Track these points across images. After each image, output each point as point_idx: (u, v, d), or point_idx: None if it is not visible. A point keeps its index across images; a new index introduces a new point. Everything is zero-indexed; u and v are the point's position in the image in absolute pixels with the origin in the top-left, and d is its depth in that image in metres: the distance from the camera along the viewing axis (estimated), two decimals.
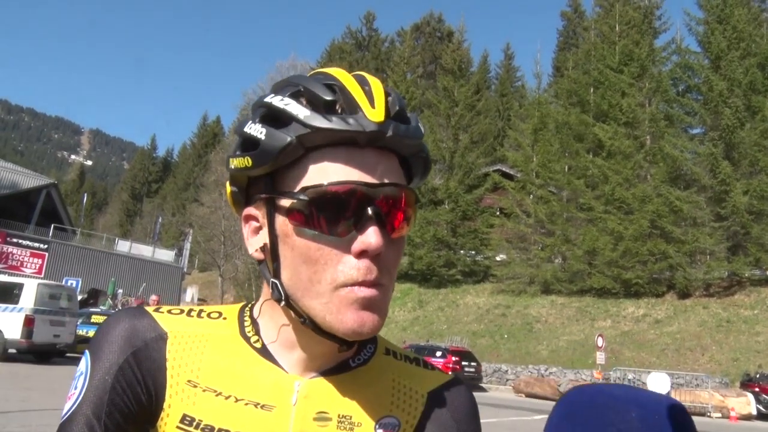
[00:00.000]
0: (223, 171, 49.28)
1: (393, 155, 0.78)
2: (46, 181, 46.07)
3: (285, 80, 0.79)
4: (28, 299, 16.43)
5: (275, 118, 0.75)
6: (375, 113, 0.73)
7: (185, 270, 50.34)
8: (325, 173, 0.73)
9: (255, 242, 0.81)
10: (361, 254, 0.73)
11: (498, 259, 40.06)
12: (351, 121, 0.72)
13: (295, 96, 0.76)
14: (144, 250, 46.04)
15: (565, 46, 62.93)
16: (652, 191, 33.28)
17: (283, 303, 0.79)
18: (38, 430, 7.68)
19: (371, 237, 0.72)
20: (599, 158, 35.92)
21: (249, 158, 0.76)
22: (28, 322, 16.17)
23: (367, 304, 0.74)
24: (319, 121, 0.72)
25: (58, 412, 0.81)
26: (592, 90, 38.79)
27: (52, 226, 39.41)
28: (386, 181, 0.75)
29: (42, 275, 33.38)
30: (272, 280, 0.79)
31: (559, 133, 38.71)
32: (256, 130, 0.76)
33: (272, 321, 0.84)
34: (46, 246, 37.30)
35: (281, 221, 0.77)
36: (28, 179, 43.69)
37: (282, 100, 0.75)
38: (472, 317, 36.31)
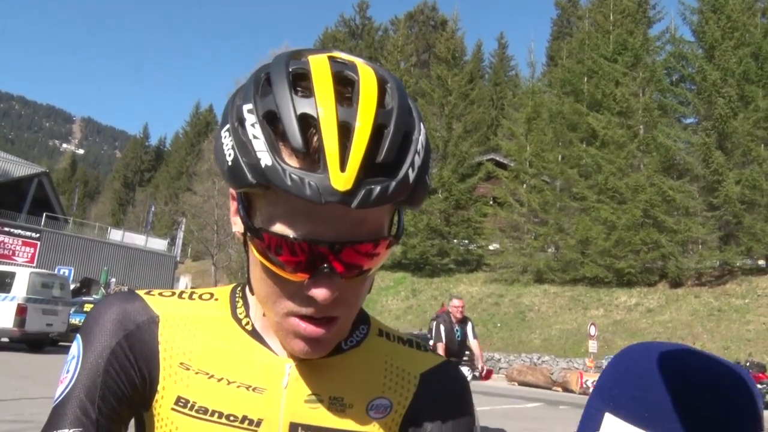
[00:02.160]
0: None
1: None
2: (37, 169, 45.83)
3: (274, 77, 0.70)
4: (20, 288, 16.35)
5: (243, 143, 0.69)
6: (342, 179, 0.64)
7: (178, 259, 50.32)
8: (287, 217, 0.69)
9: (236, 222, 0.79)
10: (312, 298, 0.73)
11: (491, 248, 40.12)
12: (312, 184, 0.64)
13: (271, 120, 0.68)
14: (137, 239, 45.99)
15: (559, 35, 62.76)
16: (645, 181, 33.34)
17: (254, 295, 0.80)
18: (31, 418, 7.67)
19: (321, 293, 0.71)
20: (593, 148, 35.93)
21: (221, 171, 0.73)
22: (21, 311, 16.10)
23: (311, 340, 0.75)
24: (277, 178, 0.65)
25: (51, 401, 0.80)
26: (585, 79, 38.75)
27: (44, 214, 39.26)
28: (352, 236, 0.70)
29: (34, 264, 33.26)
30: (247, 275, 0.81)
31: (552, 123, 38.70)
32: (226, 147, 0.70)
33: (259, 307, 0.84)
34: (38, 235, 37.15)
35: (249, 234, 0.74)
36: (19, 168, 43.43)
37: (253, 124, 0.68)
38: (465, 306, 36.37)
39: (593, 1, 43.29)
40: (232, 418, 0.79)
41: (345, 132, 0.66)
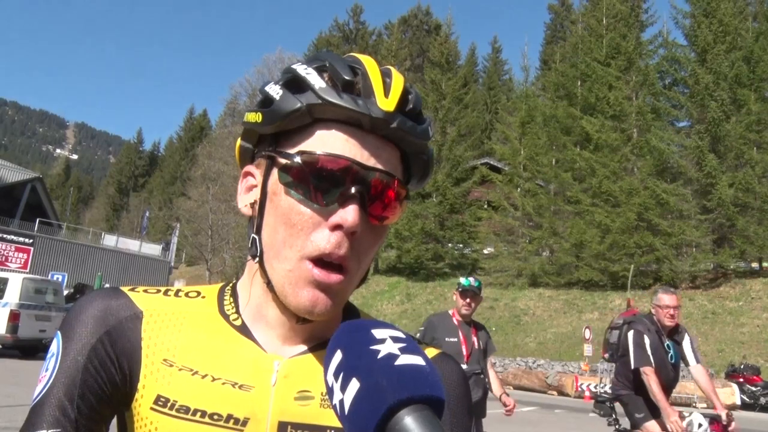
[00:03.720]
0: (209, 165, 49.07)
1: (396, 149, 0.79)
2: (31, 175, 45.70)
3: (317, 54, 0.81)
4: (13, 294, 16.24)
5: (294, 84, 0.78)
6: (386, 102, 0.76)
7: (172, 264, 50.15)
8: (324, 144, 0.75)
9: (246, 198, 0.82)
10: (336, 228, 0.74)
11: (486, 252, 40.13)
12: (360, 102, 0.74)
13: (320, 69, 0.78)
14: (131, 245, 45.81)
15: (552, 39, 63.01)
16: (639, 184, 33.43)
17: (257, 260, 0.80)
18: None
19: (349, 214, 0.73)
20: (586, 151, 36.02)
21: (261, 114, 0.78)
22: (14, 317, 15.98)
23: (324, 287, 0.75)
24: (331, 95, 0.74)
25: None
26: (579, 83, 38.87)
27: (38, 220, 39.10)
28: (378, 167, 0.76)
29: (27, 270, 33.08)
30: (253, 235, 0.80)
31: (546, 126, 38.79)
32: (274, 90, 0.78)
33: (252, 297, 0.82)
34: (31, 240, 36.96)
35: (274, 180, 0.78)
36: (12, 173, 43.27)
37: (305, 69, 0.78)
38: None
39: (586, 6, 43.48)
40: (216, 417, 0.75)
41: (386, 80, 0.79)
